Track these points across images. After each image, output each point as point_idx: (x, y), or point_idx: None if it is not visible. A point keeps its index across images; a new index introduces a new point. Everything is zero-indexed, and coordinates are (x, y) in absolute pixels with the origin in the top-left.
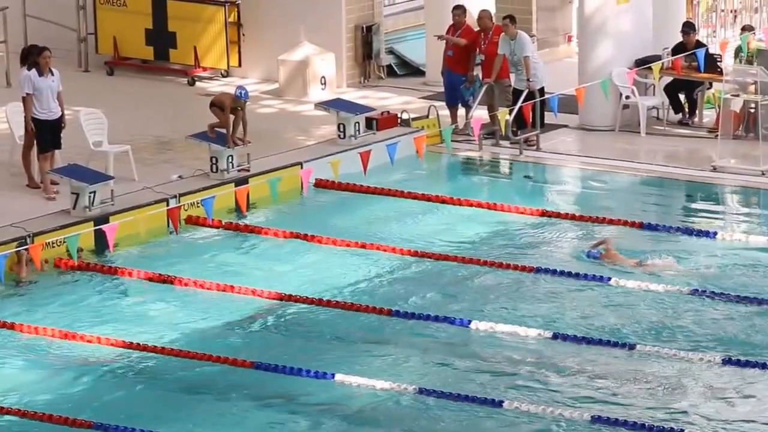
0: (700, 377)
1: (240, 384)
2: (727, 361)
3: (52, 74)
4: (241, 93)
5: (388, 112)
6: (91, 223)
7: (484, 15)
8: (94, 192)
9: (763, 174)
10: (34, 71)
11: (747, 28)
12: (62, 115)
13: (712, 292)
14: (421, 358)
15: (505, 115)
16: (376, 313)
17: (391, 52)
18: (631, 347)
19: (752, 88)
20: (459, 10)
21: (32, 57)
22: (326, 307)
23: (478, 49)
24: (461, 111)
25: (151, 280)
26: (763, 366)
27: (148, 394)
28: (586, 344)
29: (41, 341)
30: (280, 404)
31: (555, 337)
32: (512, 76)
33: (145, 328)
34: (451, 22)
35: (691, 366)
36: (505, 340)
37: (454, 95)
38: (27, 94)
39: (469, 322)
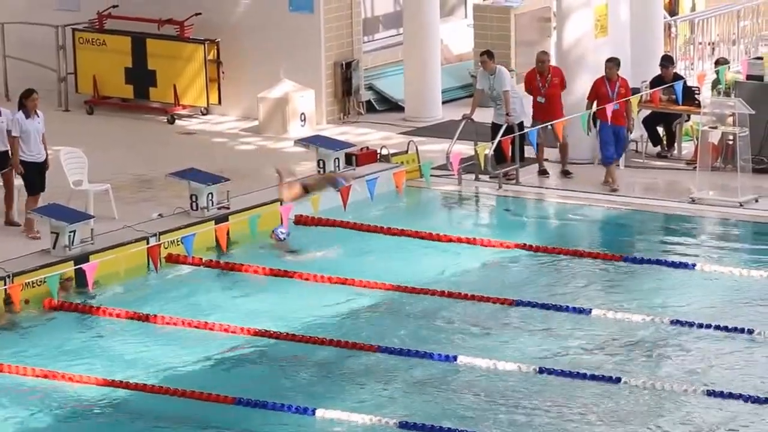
0: (685, 409)
1: (222, 420)
2: (711, 393)
3: (38, 116)
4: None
5: (368, 147)
6: (71, 262)
7: (545, 58)
8: (74, 231)
9: (741, 205)
10: (21, 113)
11: (721, 62)
12: (47, 157)
13: (693, 323)
14: (402, 392)
15: (484, 150)
16: (357, 348)
17: (370, 88)
18: (617, 380)
19: (730, 120)
20: (612, 63)
21: (20, 99)
22: (307, 343)
23: (534, 92)
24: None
25: (132, 318)
26: (747, 398)
27: None
28: (571, 378)
29: (21, 380)
30: None
31: (540, 371)
32: (492, 111)
33: (125, 366)
34: (604, 75)
35: (676, 398)
36: (488, 374)
37: (613, 148)
38: (14, 137)
39: (455, 357)
